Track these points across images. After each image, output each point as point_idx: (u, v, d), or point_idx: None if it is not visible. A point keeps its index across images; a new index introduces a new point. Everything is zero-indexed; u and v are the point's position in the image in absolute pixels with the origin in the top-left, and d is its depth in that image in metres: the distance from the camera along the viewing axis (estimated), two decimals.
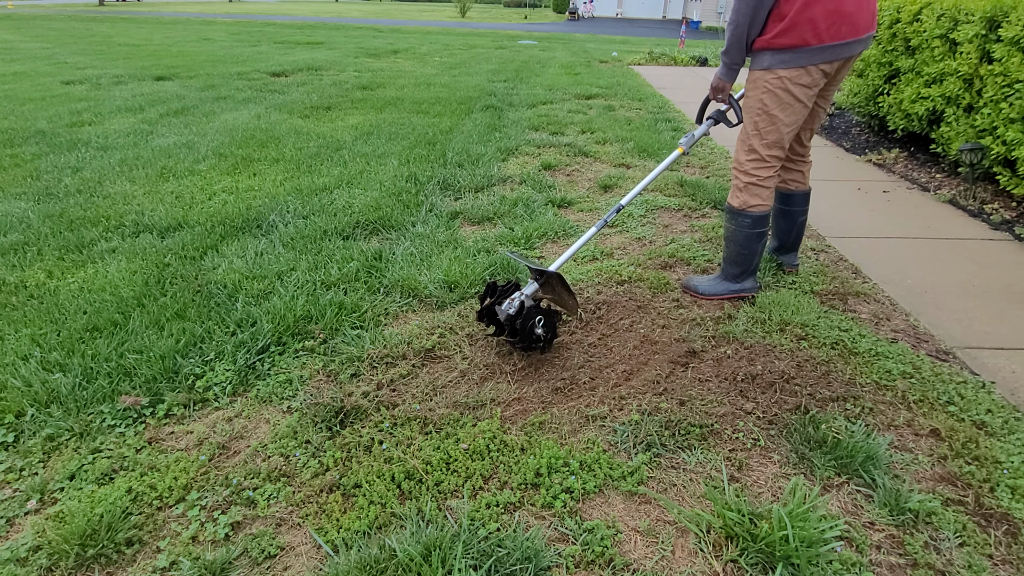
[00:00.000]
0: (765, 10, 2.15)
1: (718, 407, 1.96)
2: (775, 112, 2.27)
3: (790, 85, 2.22)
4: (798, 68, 2.19)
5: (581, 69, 10.39)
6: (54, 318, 2.37)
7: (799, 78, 2.21)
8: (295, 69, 9.58)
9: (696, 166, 4.68)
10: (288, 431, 1.84)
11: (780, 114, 2.27)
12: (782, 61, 2.19)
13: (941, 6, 4.41)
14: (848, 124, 6.18)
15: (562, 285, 2.18)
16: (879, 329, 2.44)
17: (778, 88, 2.23)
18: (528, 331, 2.11)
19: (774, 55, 2.20)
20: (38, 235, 3.14)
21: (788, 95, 2.24)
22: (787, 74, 2.20)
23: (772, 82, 2.23)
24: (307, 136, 5.27)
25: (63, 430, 1.82)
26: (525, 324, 2.10)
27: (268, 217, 3.40)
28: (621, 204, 2.48)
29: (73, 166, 4.35)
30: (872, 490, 1.64)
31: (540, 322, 2.14)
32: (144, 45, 13.42)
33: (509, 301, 2.18)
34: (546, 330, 2.16)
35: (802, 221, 2.77)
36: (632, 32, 25.00)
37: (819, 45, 2.15)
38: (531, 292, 2.21)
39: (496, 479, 1.69)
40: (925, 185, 4.37)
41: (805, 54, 2.16)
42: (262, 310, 2.42)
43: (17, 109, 6.30)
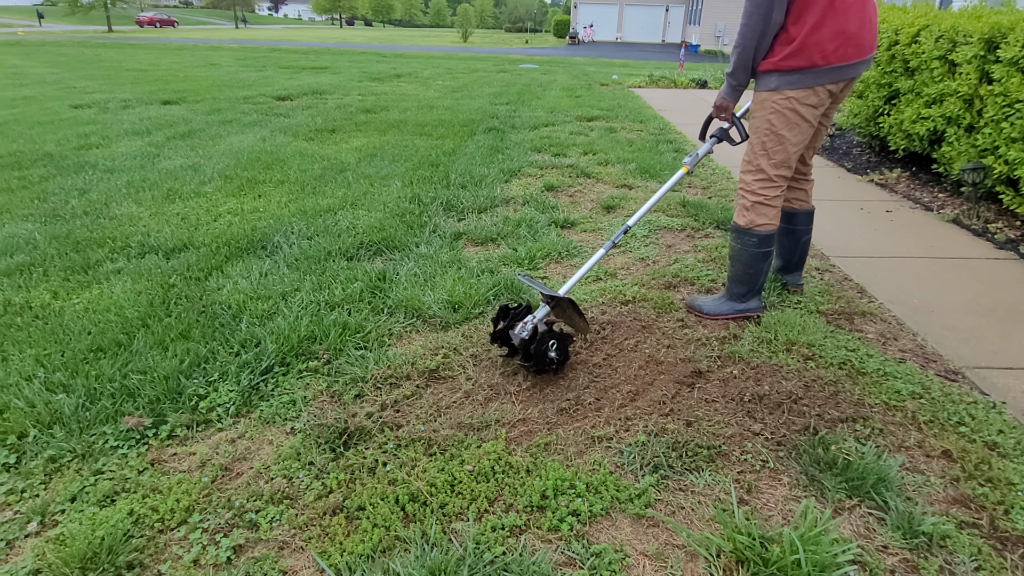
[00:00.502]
0: (772, 33, 2.17)
1: (725, 428, 1.94)
2: (783, 132, 2.29)
3: (798, 105, 2.24)
4: (806, 88, 2.21)
5: (582, 92, 10.51)
6: (58, 339, 2.37)
7: (807, 98, 2.23)
8: (300, 93, 9.70)
9: (698, 187, 4.70)
10: (291, 452, 1.82)
11: (788, 134, 2.29)
12: (790, 82, 2.21)
13: (939, 28, 4.46)
14: (849, 144, 6.22)
15: (573, 308, 2.18)
16: (887, 349, 2.43)
17: (786, 108, 2.25)
18: (542, 354, 2.12)
19: (782, 76, 2.22)
20: (44, 256, 3.16)
21: (796, 115, 2.26)
22: (795, 94, 2.23)
23: (780, 103, 2.25)
24: (311, 158, 5.31)
25: (65, 451, 1.81)
26: (539, 348, 2.11)
27: (273, 238, 3.42)
28: (628, 225, 2.48)
29: (80, 188, 4.39)
30: (884, 513, 1.62)
31: (553, 346, 2.15)
32: (151, 70, 13.63)
33: (522, 325, 2.20)
34: (559, 353, 2.17)
35: (806, 240, 2.77)
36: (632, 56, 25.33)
37: (826, 66, 2.17)
38: (543, 315, 2.21)
39: (501, 501, 1.67)
40: (928, 205, 4.38)
41: (812, 75, 2.19)
42: (266, 330, 2.42)
43: (26, 132, 6.38)
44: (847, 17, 2.13)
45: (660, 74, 13.13)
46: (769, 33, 2.17)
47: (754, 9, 2.14)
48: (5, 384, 2.08)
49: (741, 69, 2.27)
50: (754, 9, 2.14)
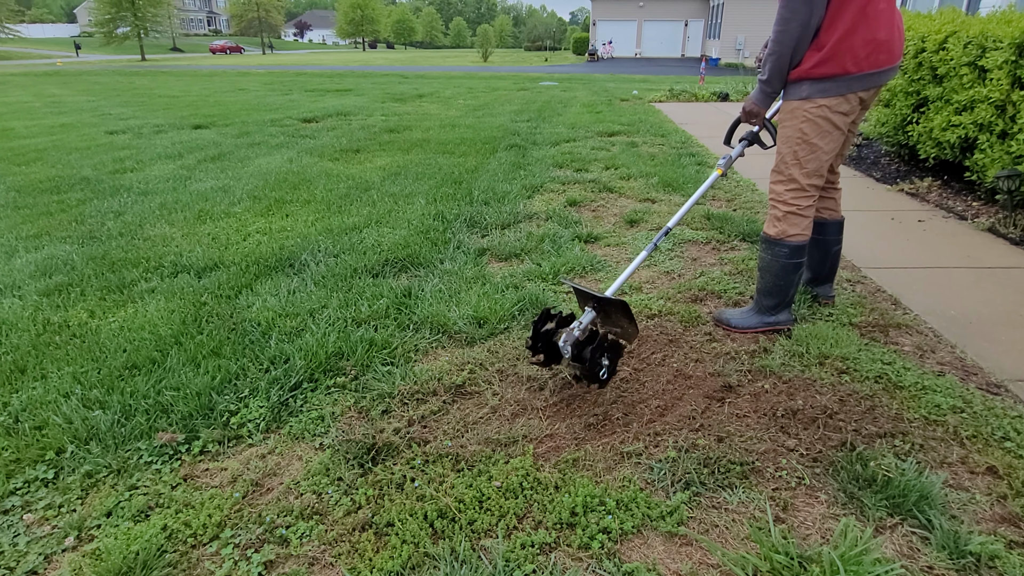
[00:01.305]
0: (808, 40, 2.15)
1: (758, 444, 1.90)
2: (815, 140, 2.27)
3: (829, 113, 2.22)
4: (837, 96, 2.19)
5: (603, 107, 10.54)
6: (95, 356, 2.42)
7: (838, 106, 2.21)
8: (325, 115, 9.89)
9: (722, 199, 4.66)
10: (320, 468, 1.83)
11: (820, 142, 2.27)
12: (821, 90, 2.19)
13: (967, 34, 4.39)
14: (877, 154, 6.12)
15: (623, 312, 2.08)
16: (924, 362, 2.36)
17: (818, 117, 2.23)
18: (596, 360, 2.03)
19: (812, 84, 2.20)
20: (81, 276, 3.24)
21: (827, 123, 2.24)
22: (827, 102, 2.20)
23: (812, 111, 2.23)
24: (337, 178, 5.40)
25: (101, 467, 1.84)
26: (595, 353, 2.02)
27: (300, 256, 3.47)
28: (669, 227, 2.45)
29: (115, 210, 4.51)
30: (928, 531, 1.56)
31: (606, 353, 2.07)
32: (183, 96, 14.03)
33: (568, 331, 2.07)
34: (611, 361, 2.08)
35: (836, 251, 2.72)
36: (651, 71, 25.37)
37: (858, 73, 2.15)
38: (589, 321, 2.10)
39: (530, 518, 1.65)
40: (962, 213, 4.28)
41: (844, 82, 2.17)
42: (295, 347, 2.44)
43: (64, 158, 6.60)
44: (878, 24, 2.11)
45: (680, 88, 13.12)
46: (806, 39, 2.15)
47: (791, 15, 2.11)
48: (44, 401, 2.13)
49: (777, 76, 2.24)
50: (791, 15, 2.11)
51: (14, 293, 3.07)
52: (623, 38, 43.62)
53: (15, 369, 2.36)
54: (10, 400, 2.15)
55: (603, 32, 43.66)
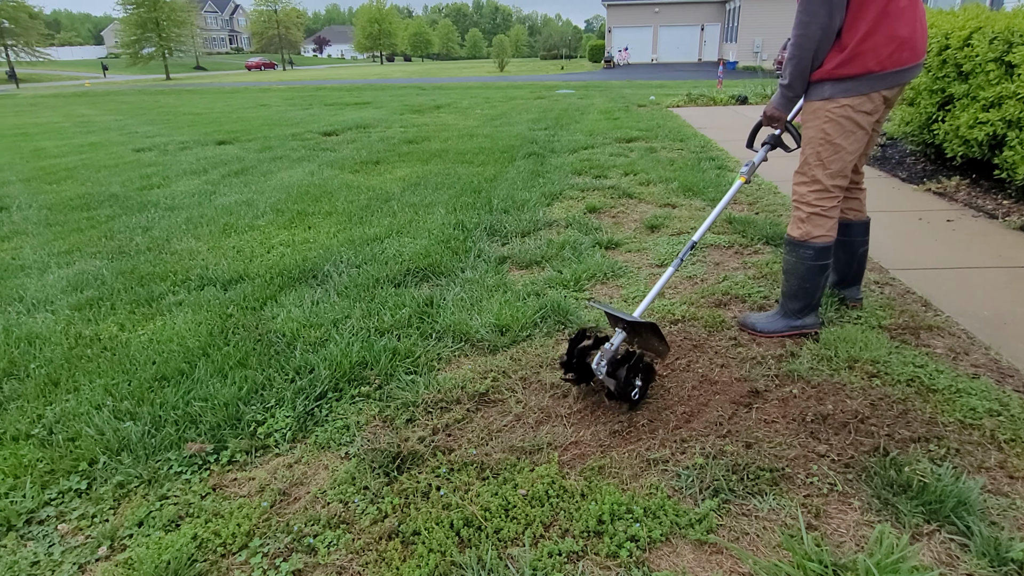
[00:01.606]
0: (829, 43, 2.13)
1: (788, 450, 1.87)
2: (838, 141, 2.23)
3: (853, 113, 2.19)
4: (860, 96, 2.16)
5: (620, 114, 10.52)
6: (125, 369, 2.47)
7: (862, 105, 2.18)
8: (345, 128, 10.02)
9: (744, 203, 4.62)
10: (347, 477, 1.84)
11: (844, 142, 2.23)
12: (844, 90, 2.16)
13: (993, 29, 4.31)
14: (902, 154, 6.02)
15: (652, 333, 2.08)
16: (958, 364, 2.30)
17: (841, 117, 2.20)
18: (630, 380, 2.04)
19: (835, 85, 2.17)
20: (111, 291, 3.31)
21: (851, 123, 2.20)
22: (850, 102, 2.17)
23: (835, 111, 2.20)
24: (358, 190, 5.46)
25: (133, 477, 1.87)
26: (629, 372, 2.03)
27: (323, 267, 3.50)
28: (694, 240, 2.43)
29: (143, 226, 4.61)
30: (967, 538, 1.52)
31: (640, 374, 2.08)
32: (206, 113, 14.32)
33: (601, 353, 2.09)
34: (643, 382, 2.09)
35: (863, 252, 2.68)
36: (668, 76, 25.29)
37: (881, 72, 2.12)
38: (620, 341, 2.11)
39: (557, 526, 1.64)
40: (992, 212, 4.18)
41: (868, 81, 2.14)
42: (319, 357, 2.47)
43: (93, 176, 6.77)
44: (900, 21, 2.08)
45: (698, 92, 13.06)
46: (827, 42, 2.12)
47: (810, 19, 2.09)
48: (77, 413, 2.17)
49: (798, 80, 2.22)
50: (810, 19, 2.09)
51: (47, 308, 3.14)
52: (639, 44, 43.57)
53: (49, 382, 2.41)
54: (44, 413, 2.20)
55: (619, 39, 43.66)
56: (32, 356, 2.62)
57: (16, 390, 2.37)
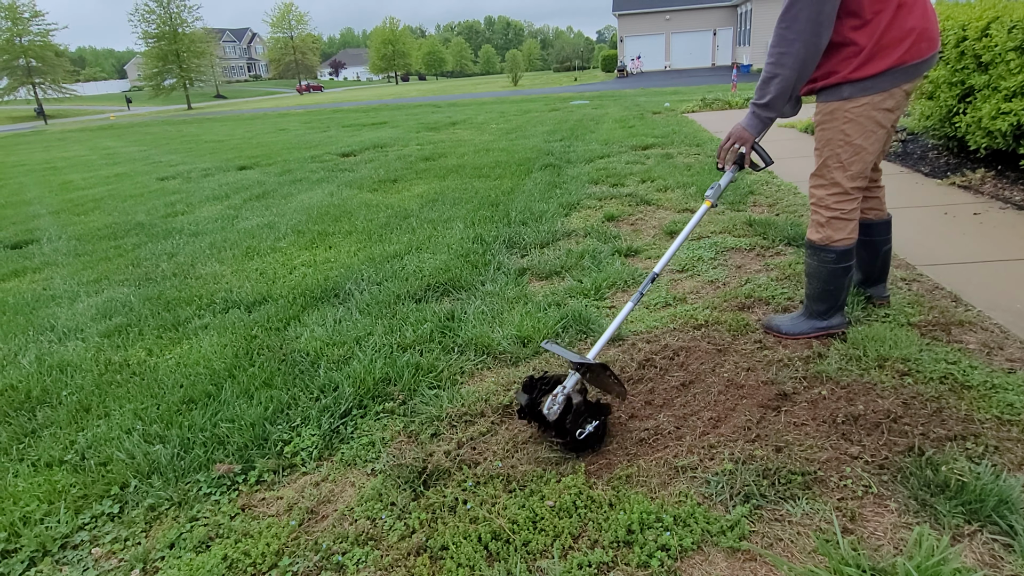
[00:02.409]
0: (816, 61, 2.04)
1: (819, 452, 1.83)
2: (858, 141, 2.16)
3: (873, 111, 2.11)
4: (882, 92, 2.09)
5: (635, 122, 10.52)
6: (154, 392, 2.51)
7: (883, 103, 2.10)
8: (362, 148, 10.15)
9: (763, 204, 4.57)
10: (373, 494, 1.84)
11: (864, 142, 2.16)
12: (864, 89, 2.09)
13: (1011, 18, 4.23)
14: (924, 148, 5.91)
15: (606, 372, 1.94)
16: (992, 359, 2.24)
17: (862, 116, 2.12)
18: (576, 425, 1.90)
19: (855, 85, 2.10)
20: (139, 317, 3.38)
21: (872, 122, 2.13)
22: (870, 100, 2.10)
23: (854, 111, 2.12)
24: (377, 208, 5.51)
25: (163, 500, 1.89)
26: (575, 421, 1.90)
27: (344, 286, 3.54)
28: (655, 272, 2.22)
29: (169, 252, 4.71)
30: (1011, 538, 1.46)
31: (590, 421, 1.94)
32: (227, 140, 14.63)
33: (552, 398, 1.94)
34: (597, 428, 1.95)
35: (887, 250, 2.62)
36: (682, 82, 25.24)
37: (902, 65, 2.05)
38: (573, 384, 1.95)
39: (586, 537, 1.62)
40: (1020, 203, 4.07)
41: (889, 77, 2.06)
42: (343, 375, 2.48)
43: (119, 205, 6.94)
44: (914, 13, 2.02)
45: (713, 97, 13.00)
46: (812, 61, 2.02)
47: (795, 36, 1.98)
48: (108, 438, 2.21)
49: (780, 100, 2.08)
50: (795, 36, 1.98)
51: (77, 336, 3.22)
52: (652, 52, 43.61)
53: (80, 408, 2.46)
54: (76, 439, 2.25)
55: (631, 48, 43.77)
56: (64, 383, 2.68)
57: (49, 417, 2.42)
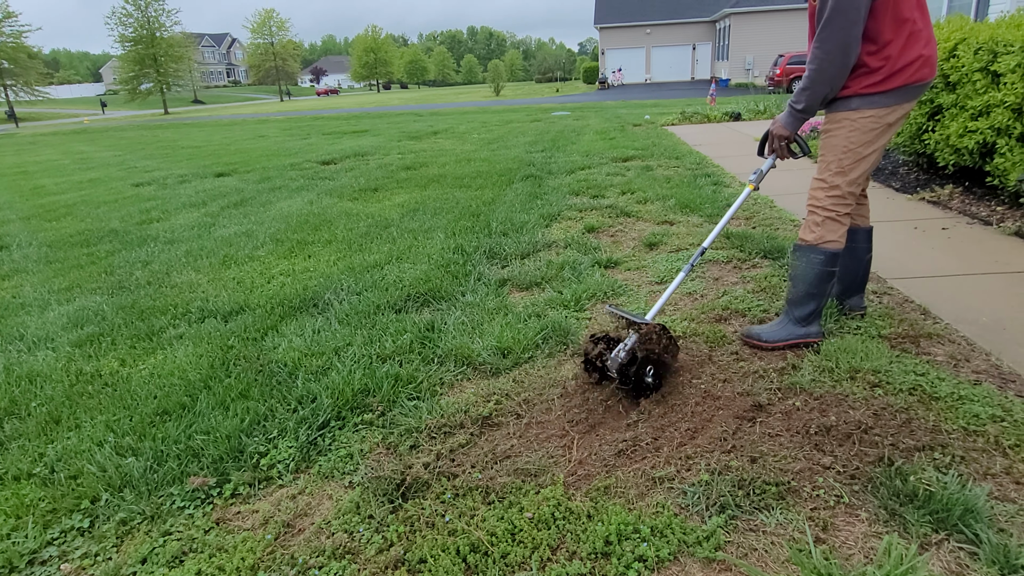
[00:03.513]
0: (845, 77, 2.25)
1: (793, 463, 1.86)
2: (861, 149, 2.32)
3: (877, 123, 2.28)
4: (887, 107, 2.26)
5: (616, 134, 10.63)
6: (127, 404, 2.46)
7: (887, 116, 2.28)
8: (343, 156, 10.11)
9: (741, 217, 4.64)
10: (351, 506, 1.83)
11: (866, 151, 2.33)
12: (872, 102, 2.27)
13: (977, 40, 4.37)
14: (895, 164, 6.07)
15: (663, 333, 2.26)
16: (959, 371, 2.30)
17: (867, 127, 2.29)
18: (640, 378, 2.21)
19: (864, 99, 2.27)
20: (112, 326, 3.32)
21: (874, 133, 2.30)
22: (875, 113, 2.27)
23: (861, 121, 2.29)
24: (357, 217, 5.49)
25: (135, 514, 1.86)
26: (639, 371, 2.19)
27: (323, 296, 3.51)
28: (704, 247, 2.53)
29: (143, 260, 4.64)
30: (976, 546, 1.50)
31: (650, 371, 2.24)
32: (205, 146, 14.47)
33: (616, 351, 2.25)
34: (655, 378, 2.26)
35: (868, 259, 2.71)
36: (662, 95, 25.58)
37: (906, 86, 2.24)
38: (633, 342, 2.25)
39: (564, 549, 1.63)
40: (986, 219, 4.20)
41: (895, 95, 2.25)
42: (321, 386, 2.47)
43: (93, 212, 6.82)
44: (921, 41, 2.21)
45: (692, 110, 13.20)
46: (841, 77, 2.24)
47: (825, 56, 2.20)
48: (78, 450, 2.17)
49: (814, 106, 2.34)
50: (825, 56, 2.20)
51: (47, 345, 3.15)
52: (632, 65, 44.16)
53: (50, 420, 2.41)
54: (46, 451, 2.20)
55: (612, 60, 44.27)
56: (33, 394, 2.62)
57: (17, 429, 2.37)
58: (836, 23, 2.15)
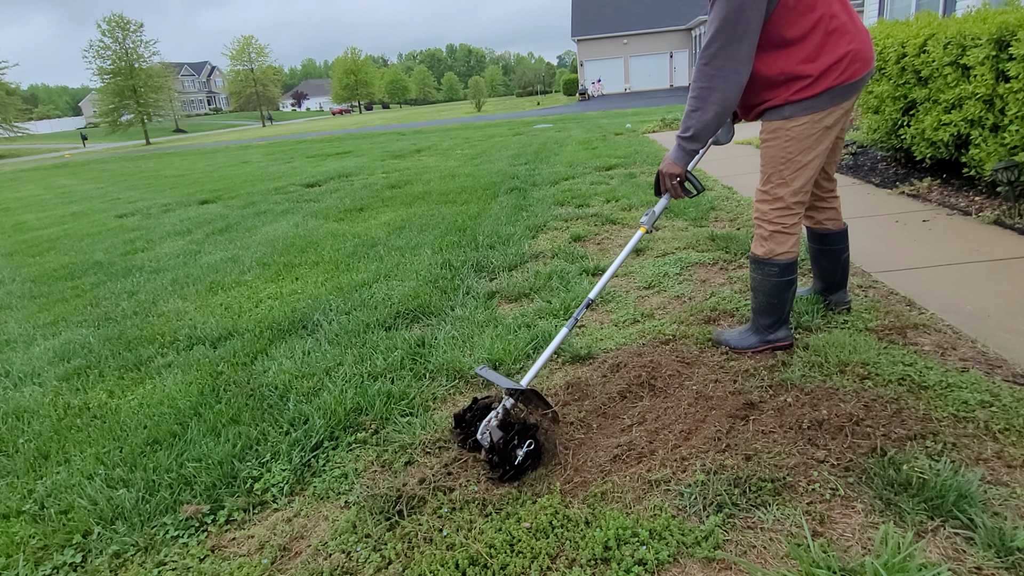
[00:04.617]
0: (739, 94, 2.11)
1: (787, 459, 1.87)
2: (799, 157, 2.24)
3: (812, 129, 2.19)
4: (820, 111, 2.17)
5: (598, 143, 10.71)
6: (116, 435, 2.43)
7: (822, 120, 2.18)
8: (327, 178, 10.11)
9: (725, 219, 4.69)
10: (347, 526, 1.81)
11: (805, 158, 2.24)
12: (804, 108, 2.17)
13: (946, 35, 4.46)
14: (873, 160, 6.16)
15: (538, 398, 2.00)
16: (946, 359, 2.32)
17: (802, 134, 2.20)
18: (509, 454, 1.92)
19: (795, 106, 2.18)
20: (99, 358, 3.29)
21: (811, 139, 2.21)
22: (809, 119, 2.18)
23: (795, 129, 2.20)
24: (343, 237, 5.49)
25: (128, 546, 1.83)
26: (506, 448, 1.91)
27: (312, 317, 3.50)
28: (590, 298, 2.31)
29: (129, 290, 4.60)
30: (972, 531, 1.51)
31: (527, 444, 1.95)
32: (188, 174, 14.42)
33: (485, 423, 1.98)
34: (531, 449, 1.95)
35: (845, 258, 2.72)
36: (642, 104, 25.83)
37: (838, 86, 2.13)
38: (509, 406, 1.99)
39: (563, 557, 1.62)
40: (965, 209, 4.26)
41: (827, 97, 2.15)
42: (313, 407, 2.45)
43: (76, 245, 6.77)
44: (845, 37, 2.11)
45: (672, 117, 13.33)
46: (735, 94, 2.09)
47: (715, 72, 2.06)
48: (68, 485, 2.14)
49: (704, 133, 2.18)
50: (715, 72, 2.06)
51: (34, 381, 3.11)
52: (611, 75, 44.66)
53: (39, 455, 2.37)
54: (35, 487, 2.16)
55: (591, 72, 44.74)
56: (20, 430, 2.59)
57: (5, 466, 2.33)
58: (723, 35, 2.01)
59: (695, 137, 2.20)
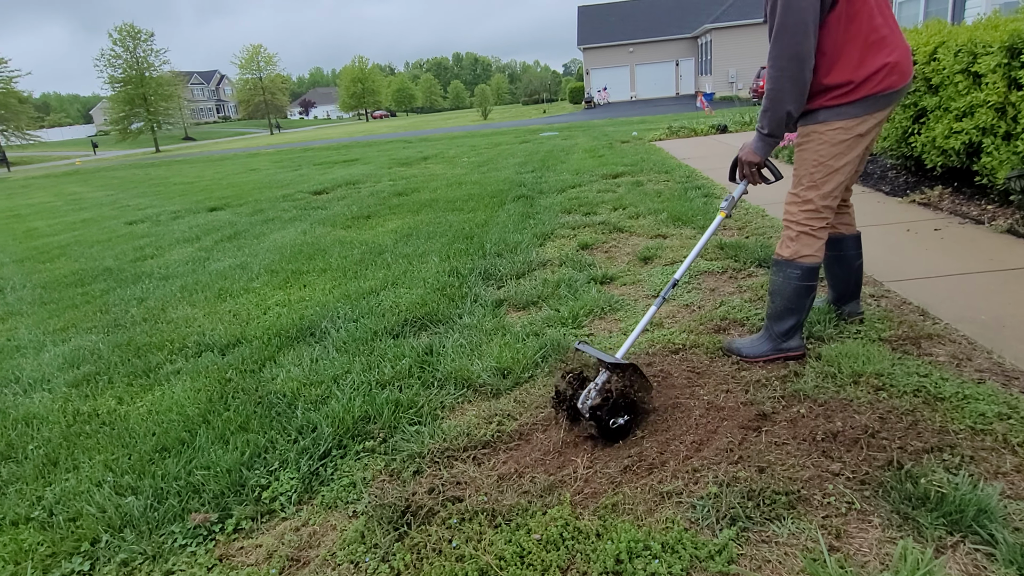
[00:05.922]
0: (805, 91, 2.19)
1: (801, 471, 1.84)
2: (832, 162, 2.27)
3: (847, 135, 2.23)
4: (856, 118, 2.21)
5: (604, 151, 10.72)
6: (125, 442, 2.43)
7: (856, 128, 2.22)
8: (335, 185, 10.16)
9: (734, 228, 4.66)
10: (356, 536, 1.80)
11: (837, 164, 2.27)
12: (839, 114, 2.21)
13: (956, 43, 4.44)
14: (883, 168, 6.12)
15: (635, 372, 2.15)
16: (962, 371, 2.29)
17: (835, 139, 2.24)
18: (608, 421, 2.09)
19: (830, 111, 2.22)
20: (108, 364, 3.29)
21: (844, 145, 2.24)
22: (845, 124, 2.22)
23: (830, 134, 2.24)
24: (351, 245, 5.50)
25: (136, 554, 1.82)
26: (610, 413, 2.08)
27: (320, 324, 3.50)
28: (676, 278, 2.44)
29: (138, 297, 4.62)
30: (992, 547, 1.48)
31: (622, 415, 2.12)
32: (197, 182, 14.52)
33: (585, 393, 2.13)
34: (628, 420, 2.13)
35: (859, 265, 2.70)
36: (648, 112, 25.87)
37: (873, 95, 2.17)
38: (603, 381, 2.14)
39: (574, 569, 1.60)
40: (977, 218, 4.23)
41: (862, 105, 2.19)
42: (321, 415, 2.44)
43: (86, 251, 6.81)
44: (885, 49, 2.15)
45: (679, 125, 13.33)
46: (800, 92, 2.18)
47: (779, 72, 2.15)
48: (77, 492, 2.13)
49: (778, 129, 2.27)
50: (779, 72, 2.15)
51: (44, 387, 3.12)
52: (617, 83, 44.72)
53: (47, 462, 2.37)
54: (44, 494, 2.16)
55: (597, 80, 44.83)
56: (30, 437, 2.59)
57: (14, 473, 2.33)
58: (784, 40, 2.10)
59: (772, 133, 2.30)
